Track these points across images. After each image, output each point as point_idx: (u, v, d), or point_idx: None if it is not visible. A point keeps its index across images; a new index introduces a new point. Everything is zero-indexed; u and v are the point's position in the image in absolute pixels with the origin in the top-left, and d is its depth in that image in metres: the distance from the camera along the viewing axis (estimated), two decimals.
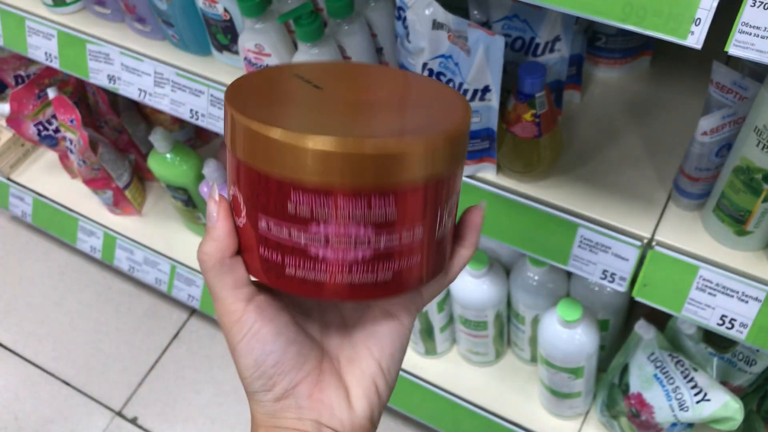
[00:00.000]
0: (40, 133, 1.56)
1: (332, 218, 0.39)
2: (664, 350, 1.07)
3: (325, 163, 0.37)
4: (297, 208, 0.39)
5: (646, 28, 0.56)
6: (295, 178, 0.38)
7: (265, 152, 0.38)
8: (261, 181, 0.39)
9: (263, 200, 0.40)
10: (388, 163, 0.38)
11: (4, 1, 1.21)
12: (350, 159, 0.37)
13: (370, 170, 0.38)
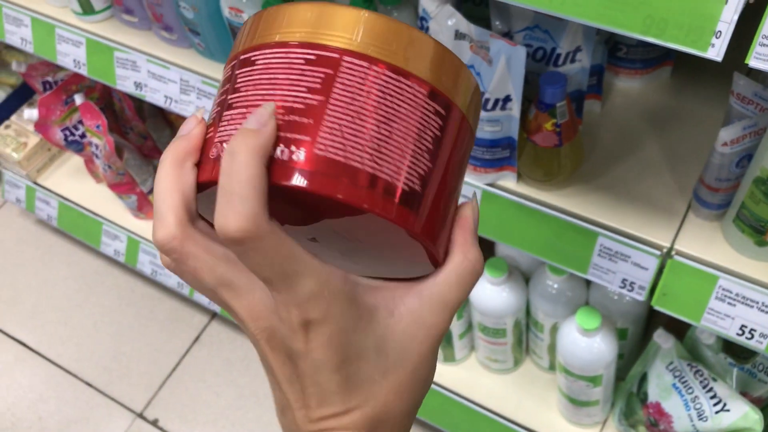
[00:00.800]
0: (66, 138, 1.59)
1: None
2: (683, 360, 1.08)
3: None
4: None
5: (667, 40, 0.57)
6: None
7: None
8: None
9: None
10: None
11: (35, 10, 1.24)
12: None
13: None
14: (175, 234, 0.35)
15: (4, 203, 2.01)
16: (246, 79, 0.37)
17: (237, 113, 0.36)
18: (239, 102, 0.36)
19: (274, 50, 0.37)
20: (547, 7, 0.60)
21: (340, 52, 0.36)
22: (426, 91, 0.36)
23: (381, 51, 0.36)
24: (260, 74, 0.36)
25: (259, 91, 0.36)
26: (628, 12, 0.58)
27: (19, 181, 1.82)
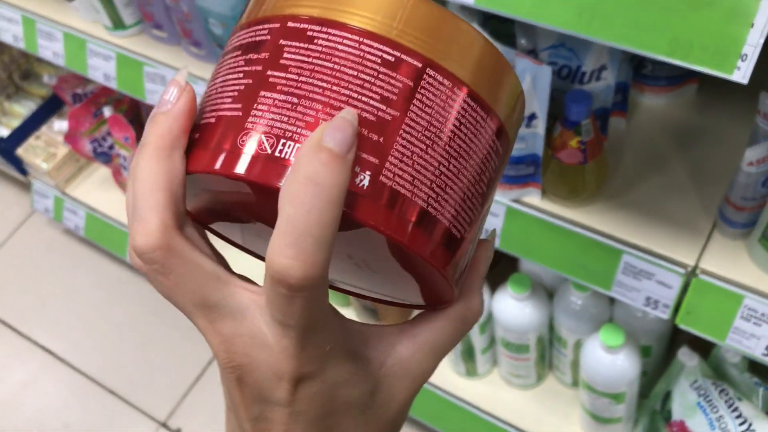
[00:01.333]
0: (95, 150, 1.61)
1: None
2: (708, 378, 1.07)
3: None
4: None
5: (692, 62, 0.57)
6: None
7: None
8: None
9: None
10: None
11: (67, 24, 1.26)
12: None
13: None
14: (159, 243, 0.30)
15: (32, 213, 2.04)
16: (300, 58, 0.30)
17: (285, 101, 0.30)
18: (289, 87, 0.30)
19: (343, 33, 0.30)
20: (574, 28, 0.61)
21: (423, 61, 0.31)
22: (495, 127, 0.33)
23: (465, 70, 0.32)
24: (322, 59, 0.30)
25: (320, 82, 0.30)
26: (653, 34, 0.58)
27: (47, 191, 1.85)
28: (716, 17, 0.55)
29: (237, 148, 0.30)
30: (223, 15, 1.02)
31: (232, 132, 0.30)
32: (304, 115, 0.29)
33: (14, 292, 1.90)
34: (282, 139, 0.29)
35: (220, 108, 0.31)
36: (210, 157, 0.30)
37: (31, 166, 1.82)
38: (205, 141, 0.31)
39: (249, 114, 0.30)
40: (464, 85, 0.31)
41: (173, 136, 0.31)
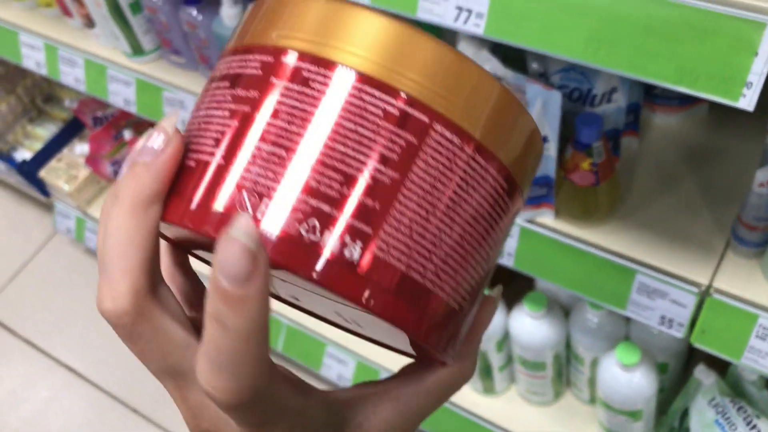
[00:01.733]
0: (116, 173, 1.64)
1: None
2: (726, 396, 1.07)
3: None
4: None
5: (699, 90, 0.58)
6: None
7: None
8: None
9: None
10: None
11: (88, 51, 1.29)
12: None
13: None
14: (127, 310, 0.27)
15: (54, 233, 2.07)
16: (292, 103, 0.27)
17: (272, 154, 0.26)
18: (278, 137, 0.27)
19: (342, 77, 0.27)
20: (581, 57, 0.62)
21: (430, 114, 0.27)
22: (505, 183, 0.30)
23: (474, 122, 0.28)
24: (317, 106, 0.27)
25: (312, 135, 0.26)
26: (660, 63, 0.59)
27: (69, 212, 1.87)
28: (721, 46, 0.56)
29: (214, 203, 0.27)
30: None
31: (211, 182, 0.27)
32: (294, 172, 0.26)
33: (37, 311, 1.93)
34: (265, 198, 0.26)
35: (201, 150, 0.28)
36: (186, 209, 0.28)
37: (53, 187, 1.85)
38: (183, 188, 0.28)
39: (230, 164, 0.27)
40: (473, 140, 0.28)
41: (153, 191, 0.28)
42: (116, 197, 0.28)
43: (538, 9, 0.63)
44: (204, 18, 1.07)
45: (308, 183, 0.26)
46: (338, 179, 0.26)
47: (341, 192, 0.26)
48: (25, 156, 1.90)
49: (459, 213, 0.28)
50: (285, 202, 0.26)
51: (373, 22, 0.28)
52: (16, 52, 1.40)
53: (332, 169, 0.26)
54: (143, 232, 0.28)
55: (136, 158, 0.28)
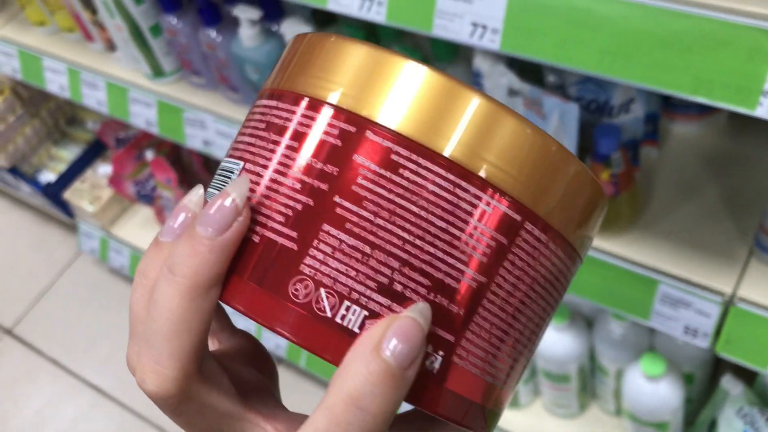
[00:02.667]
0: (138, 192, 1.66)
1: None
2: (754, 405, 1.06)
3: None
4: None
5: (715, 99, 0.58)
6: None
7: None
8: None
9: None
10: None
11: (109, 74, 1.31)
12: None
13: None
14: (173, 393, 0.26)
15: (79, 254, 2.09)
16: (379, 191, 0.24)
17: (355, 248, 0.24)
18: (362, 229, 0.24)
19: (436, 168, 0.24)
20: (597, 70, 0.62)
21: (523, 212, 0.25)
22: (575, 267, 0.28)
23: (561, 216, 0.26)
24: (406, 198, 0.24)
25: (400, 231, 0.24)
26: (675, 73, 0.59)
27: (93, 232, 1.90)
28: (736, 56, 0.56)
29: (287, 296, 0.24)
30: (258, 61, 1.05)
31: (282, 270, 0.25)
32: (376, 272, 0.24)
33: (63, 331, 1.95)
34: (346, 300, 0.24)
35: (266, 224, 0.25)
36: (251, 295, 0.25)
37: (77, 208, 1.87)
38: (246, 268, 0.25)
39: (306, 252, 0.24)
40: (559, 236, 0.26)
41: (216, 273, 0.25)
42: (172, 273, 0.25)
43: (553, 23, 0.63)
44: (223, 39, 1.08)
45: (393, 287, 0.24)
46: (425, 284, 0.24)
47: (428, 298, 0.24)
48: (50, 178, 1.93)
49: (534, 310, 0.26)
50: (366, 306, 0.24)
51: (472, 106, 0.25)
52: (40, 76, 1.42)
53: (420, 273, 0.24)
54: (200, 315, 0.25)
55: (198, 229, 0.25)
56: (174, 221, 0.26)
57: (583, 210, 0.27)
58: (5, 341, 1.95)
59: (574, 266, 0.28)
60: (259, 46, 1.04)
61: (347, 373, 0.23)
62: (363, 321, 0.24)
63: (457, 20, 0.65)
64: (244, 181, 0.26)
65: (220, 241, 0.25)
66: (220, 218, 0.25)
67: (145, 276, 0.27)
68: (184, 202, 0.26)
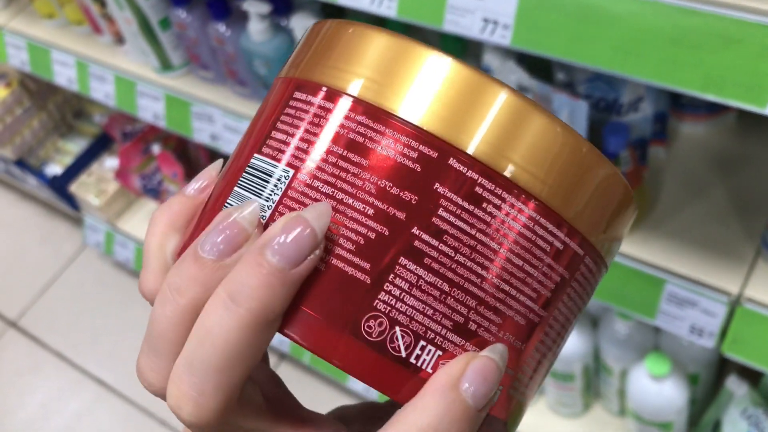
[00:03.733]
0: (145, 186, 1.66)
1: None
2: (759, 406, 1.06)
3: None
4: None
5: (726, 97, 0.58)
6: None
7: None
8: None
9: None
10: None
11: (117, 67, 1.31)
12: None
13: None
14: (212, 424, 0.24)
15: (84, 247, 2.10)
16: (461, 225, 0.23)
17: (433, 285, 0.23)
18: (441, 265, 0.23)
19: (519, 204, 0.23)
20: (608, 66, 0.62)
21: (584, 245, 0.25)
22: (601, 276, 0.28)
23: (606, 241, 0.26)
24: (487, 234, 0.23)
25: (479, 268, 0.23)
26: (686, 71, 0.59)
27: (99, 225, 1.90)
28: (747, 54, 0.56)
29: (359, 334, 0.23)
30: (267, 56, 1.05)
31: (354, 305, 0.23)
32: (452, 311, 0.23)
33: (68, 325, 1.96)
34: (422, 340, 0.23)
35: (334, 252, 0.23)
36: (318, 330, 0.23)
37: (83, 202, 1.87)
38: (311, 299, 0.23)
39: (382, 287, 0.23)
40: (604, 264, 0.26)
41: (284, 306, 0.23)
42: (235, 303, 0.23)
43: (564, 20, 0.63)
44: (232, 33, 1.09)
45: (468, 326, 0.23)
46: (497, 322, 0.24)
47: (497, 336, 0.24)
48: (56, 171, 1.93)
49: (569, 329, 0.26)
50: (441, 346, 0.23)
51: (551, 135, 0.24)
52: (48, 69, 1.42)
53: (494, 311, 0.23)
54: (258, 349, 0.24)
55: (270, 259, 0.23)
56: (219, 236, 0.24)
57: (617, 219, 0.26)
58: (10, 334, 1.95)
59: (601, 277, 0.28)
60: (269, 41, 1.04)
61: (423, 406, 0.22)
62: (437, 361, 0.23)
63: (469, 15, 0.65)
64: (325, 210, 0.23)
65: (293, 274, 0.22)
66: (296, 250, 0.22)
67: (181, 294, 0.24)
68: (235, 219, 0.24)
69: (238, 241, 0.24)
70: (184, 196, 0.28)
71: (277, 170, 0.25)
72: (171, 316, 0.25)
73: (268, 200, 0.25)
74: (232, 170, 0.27)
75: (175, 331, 0.25)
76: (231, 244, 0.24)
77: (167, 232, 0.27)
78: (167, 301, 0.25)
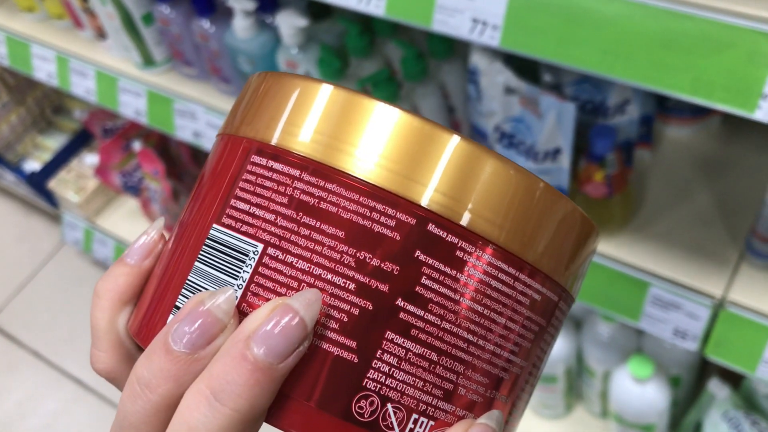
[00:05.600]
0: (125, 183, 1.64)
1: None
2: (739, 409, 1.06)
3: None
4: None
5: (715, 101, 0.58)
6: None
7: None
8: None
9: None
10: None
11: (99, 62, 1.30)
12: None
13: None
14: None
15: (62, 245, 2.07)
16: (445, 292, 0.22)
17: (421, 357, 0.22)
18: (428, 335, 0.22)
19: (499, 263, 0.23)
20: (598, 69, 0.62)
21: (558, 291, 0.25)
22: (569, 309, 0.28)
23: (574, 281, 0.27)
24: (472, 298, 0.23)
25: (467, 334, 0.22)
26: (676, 74, 0.59)
27: (77, 223, 1.88)
28: (737, 58, 0.56)
29: (351, 416, 0.22)
30: (251, 53, 1.04)
31: (343, 386, 0.22)
32: (442, 380, 0.22)
33: (45, 323, 1.93)
34: (414, 413, 0.22)
35: (316, 331, 0.22)
36: (309, 417, 0.22)
37: (62, 198, 1.85)
38: (298, 386, 0.22)
39: (370, 365, 0.22)
40: (571, 297, 0.27)
41: (270, 402, 0.22)
42: (219, 401, 0.21)
43: (554, 21, 0.63)
44: (216, 30, 1.07)
45: (458, 391, 0.23)
46: (485, 383, 0.23)
47: (485, 396, 0.23)
48: (34, 167, 1.91)
49: (543, 368, 0.27)
50: (433, 416, 0.22)
51: (509, 182, 0.23)
52: (28, 63, 1.40)
53: (481, 373, 0.23)
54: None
55: (257, 353, 0.21)
56: (192, 327, 0.22)
57: (580, 253, 0.27)
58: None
59: (569, 310, 0.28)
60: (253, 38, 1.03)
61: None
62: (430, 431, 0.22)
63: (458, 15, 0.65)
64: (315, 298, 0.21)
65: (282, 368, 0.21)
66: (285, 342, 0.21)
67: (152, 389, 0.22)
68: (209, 308, 0.22)
69: (213, 332, 0.22)
70: (127, 266, 0.26)
71: (244, 245, 0.23)
72: (142, 412, 0.23)
73: (237, 278, 0.23)
74: (187, 238, 0.25)
75: (149, 426, 0.23)
76: (205, 336, 0.22)
77: (116, 306, 0.26)
78: (137, 396, 0.23)
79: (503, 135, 0.86)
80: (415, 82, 0.93)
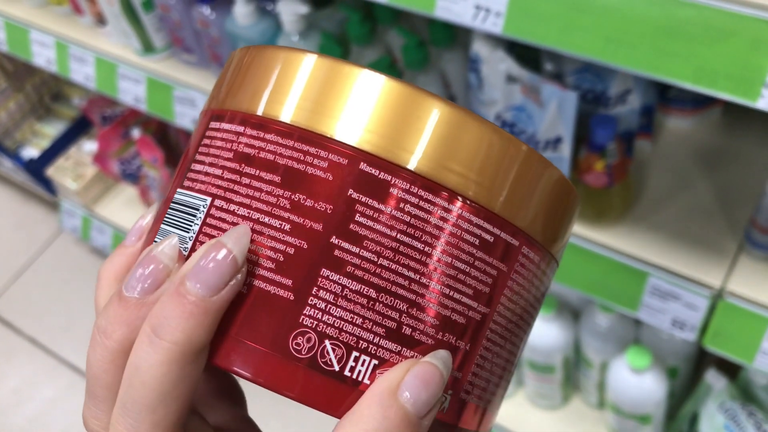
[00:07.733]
0: (124, 171, 1.64)
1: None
2: (736, 400, 1.06)
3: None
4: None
5: (718, 90, 0.58)
6: None
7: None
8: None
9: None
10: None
11: (98, 49, 1.29)
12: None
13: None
14: None
15: (60, 232, 2.07)
16: (380, 229, 0.22)
17: (359, 293, 0.22)
18: (364, 272, 0.22)
19: (439, 200, 0.23)
20: (600, 56, 0.62)
21: (520, 237, 0.24)
22: (553, 272, 0.28)
23: (550, 235, 0.26)
24: (409, 234, 0.23)
25: (405, 270, 0.22)
26: (679, 63, 0.59)
27: (76, 210, 1.88)
28: (740, 47, 0.56)
29: (288, 352, 0.22)
30: (252, 40, 1.04)
31: (279, 324, 0.22)
32: (383, 317, 0.22)
33: (42, 310, 1.93)
34: (354, 351, 0.22)
35: (254, 272, 0.23)
36: (247, 355, 0.22)
37: (60, 185, 1.85)
38: (236, 324, 0.23)
39: (306, 302, 0.22)
40: (548, 254, 0.26)
41: (209, 337, 0.23)
42: (159, 337, 0.22)
43: (557, 9, 0.62)
44: (217, 16, 1.07)
45: (403, 331, 0.22)
46: (434, 324, 0.23)
47: (436, 338, 0.23)
48: (33, 154, 1.90)
49: (525, 328, 0.26)
50: (376, 354, 0.22)
51: (482, 136, 0.24)
52: (27, 49, 1.40)
53: (427, 312, 0.23)
54: (190, 382, 0.23)
55: (190, 287, 0.22)
56: (142, 274, 0.23)
57: (568, 222, 0.27)
58: None
59: (553, 274, 0.27)
60: (254, 25, 1.03)
61: (359, 417, 0.21)
62: (373, 371, 0.22)
63: (461, 2, 0.65)
64: (244, 232, 0.23)
65: (216, 301, 0.22)
66: (216, 276, 0.22)
67: (108, 335, 0.24)
68: (154, 254, 0.23)
69: (160, 277, 0.23)
70: (124, 247, 0.27)
71: (195, 200, 0.25)
72: (101, 359, 0.24)
73: (189, 231, 0.24)
74: (161, 209, 0.26)
75: (108, 373, 0.24)
76: (152, 281, 0.23)
77: (112, 285, 0.27)
78: (97, 345, 0.24)
79: (504, 123, 0.86)
80: (416, 70, 0.92)
